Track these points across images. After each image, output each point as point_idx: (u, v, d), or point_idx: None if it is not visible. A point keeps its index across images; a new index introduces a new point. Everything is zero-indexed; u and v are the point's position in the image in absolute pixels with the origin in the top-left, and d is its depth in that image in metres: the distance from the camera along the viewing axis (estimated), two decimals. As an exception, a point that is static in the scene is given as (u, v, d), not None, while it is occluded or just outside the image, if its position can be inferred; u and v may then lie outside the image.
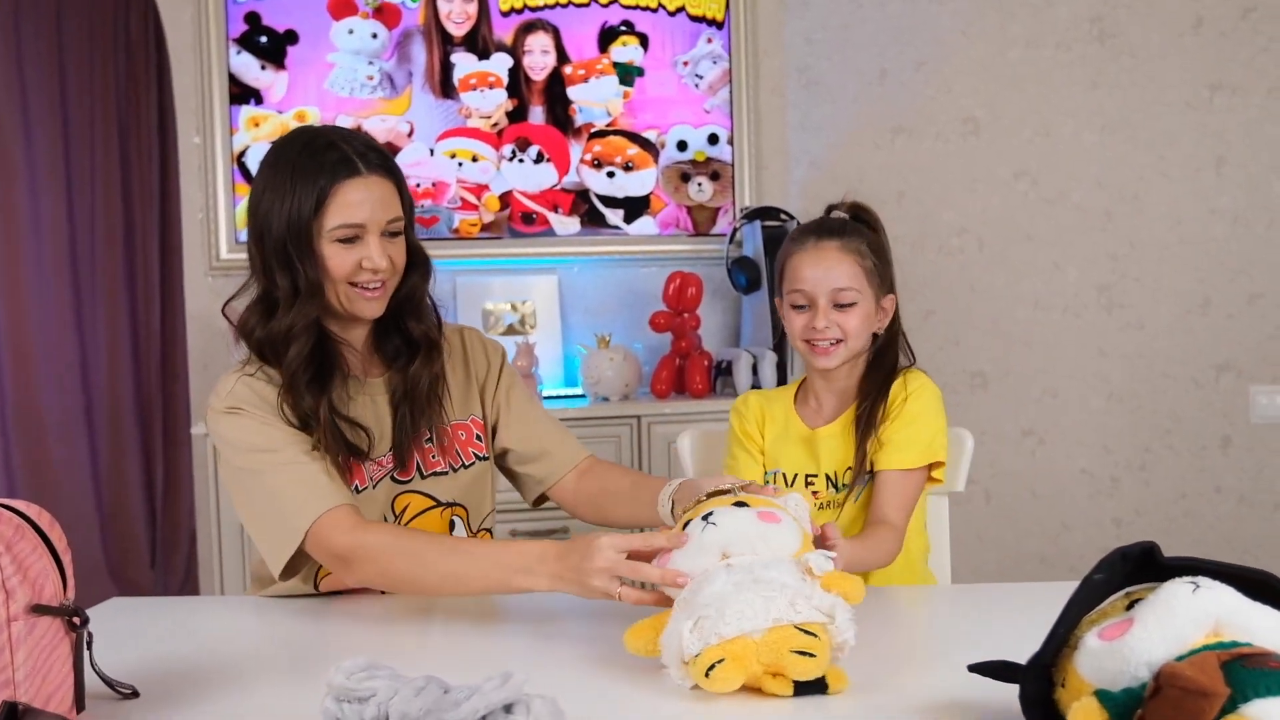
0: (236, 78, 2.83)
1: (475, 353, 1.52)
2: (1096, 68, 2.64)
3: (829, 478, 1.52)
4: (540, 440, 1.50)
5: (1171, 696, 0.66)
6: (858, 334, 1.48)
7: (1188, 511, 2.58)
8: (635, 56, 3.02)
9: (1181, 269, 2.58)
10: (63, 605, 0.98)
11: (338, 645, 1.24)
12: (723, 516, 1.03)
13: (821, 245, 1.48)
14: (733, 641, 0.90)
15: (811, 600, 0.93)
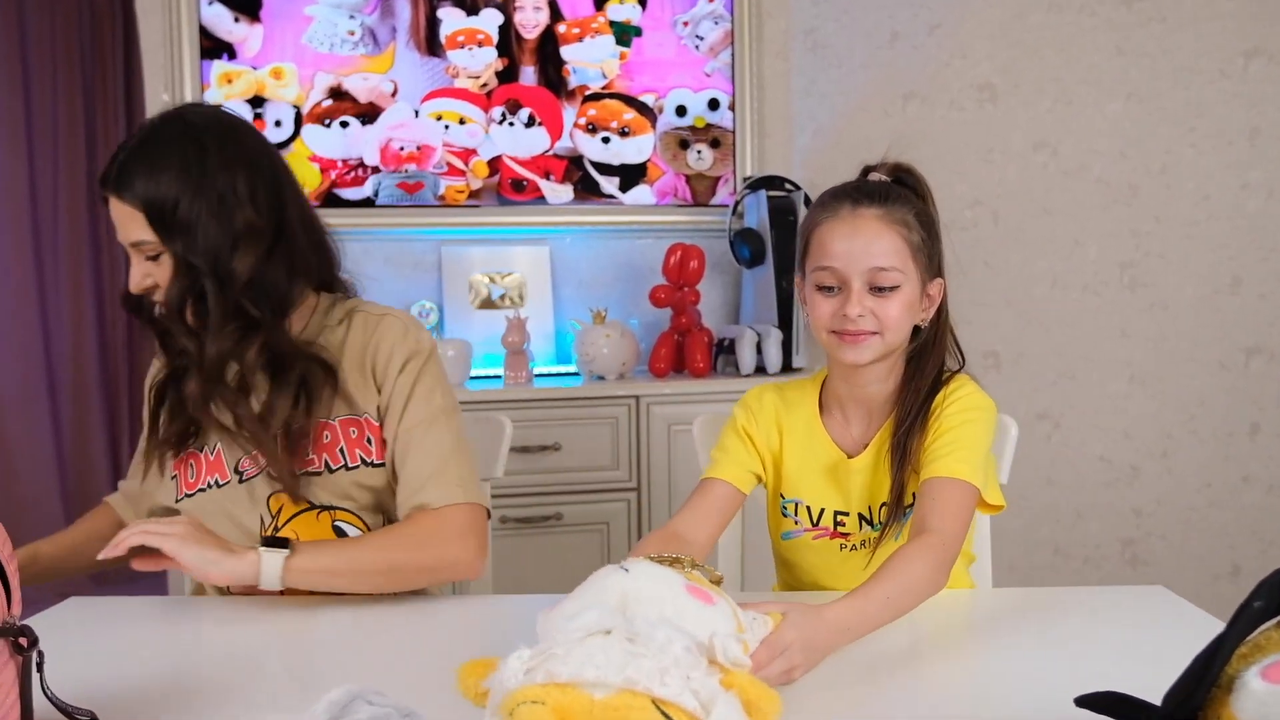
0: (208, 30, 2.71)
1: (382, 344, 1.35)
2: (1123, 33, 2.56)
3: (862, 516, 1.29)
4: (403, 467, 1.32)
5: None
6: (898, 326, 1.22)
7: (1212, 501, 2.51)
8: (633, 15, 2.91)
9: (1210, 246, 2.51)
10: (6, 624, 0.85)
11: (316, 655, 1.13)
12: (641, 568, 0.83)
13: (859, 213, 1.21)
14: (564, 687, 0.70)
15: (690, 681, 0.71)
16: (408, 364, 1.34)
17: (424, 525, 1.28)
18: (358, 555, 1.24)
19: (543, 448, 2.46)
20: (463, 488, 1.31)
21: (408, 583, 1.28)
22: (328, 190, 2.75)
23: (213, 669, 1.06)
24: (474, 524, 1.30)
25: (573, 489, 2.48)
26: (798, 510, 1.33)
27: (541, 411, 2.46)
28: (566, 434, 2.47)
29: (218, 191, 1.24)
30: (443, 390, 1.37)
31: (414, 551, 1.26)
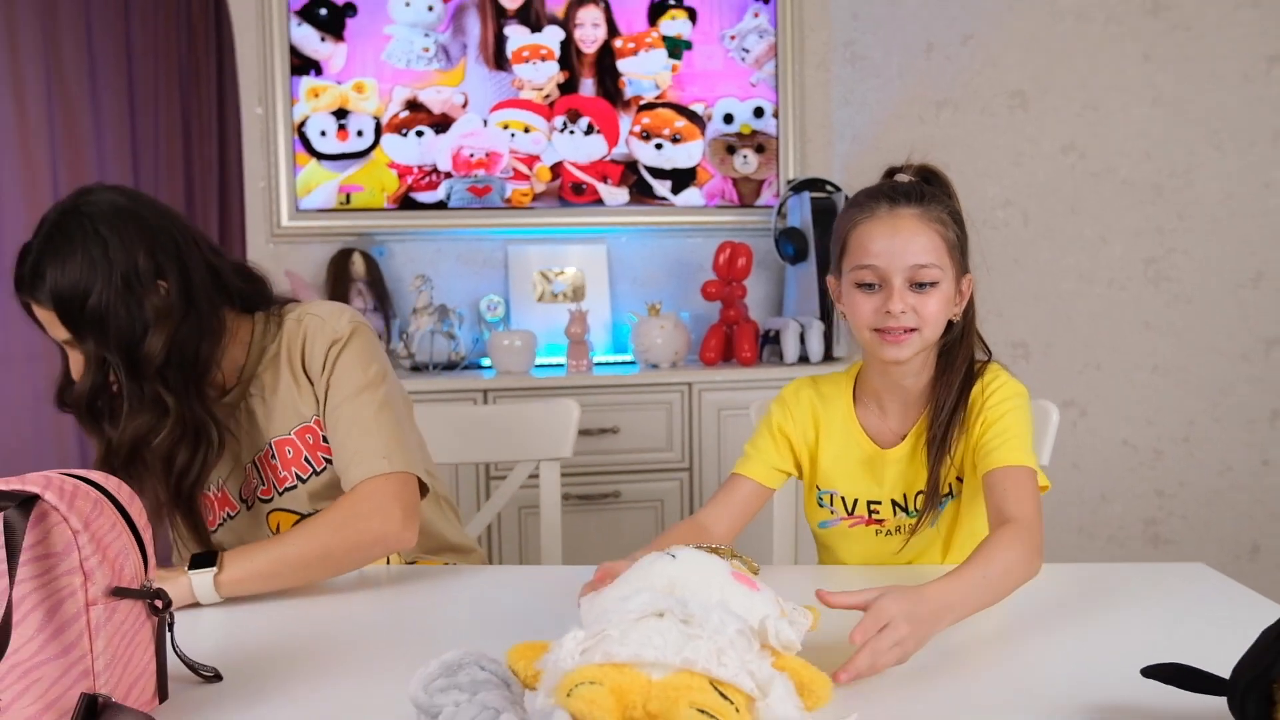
0: (297, 49, 2.72)
1: (308, 347, 1.28)
2: (1149, 41, 2.48)
3: (895, 503, 1.25)
4: (337, 451, 1.27)
5: None
6: (936, 321, 1.17)
7: (1233, 484, 2.44)
8: (684, 30, 2.88)
9: (1233, 242, 2.44)
10: (144, 587, 0.85)
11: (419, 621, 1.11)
12: (688, 555, 0.79)
13: (898, 213, 1.16)
14: (621, 668, 0.65)
15: (747, 663, 0.67)
16: (329, 353, 1.27)
17: (345, 505, 1.21)
18: (285, 551, 1.16)
19: (602, 430, 2.45)
20: (386, 458, 1.23)
21: (341, 566, 1.21)
22: (404, 194, 2.74)
23: (326, 633, 1.06)
24: (398, 493, 1.22)
25: (630, 469, 2.47)
26: (833, 501, 1.29)
27: (601, 397, 2.45)
28: (624, 418, 2.46)
29: (123, 278, 1.15)
30: (364, 365, 1.28)
31: (338, 533, 1.18)
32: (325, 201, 2.72)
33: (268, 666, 0.94)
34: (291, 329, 1.29)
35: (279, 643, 1.02)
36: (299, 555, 1.16)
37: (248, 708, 0.86)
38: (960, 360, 1.22)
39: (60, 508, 0.80)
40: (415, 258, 2.77)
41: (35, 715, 0.78)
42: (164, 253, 1.19)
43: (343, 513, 1.20)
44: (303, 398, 1.29)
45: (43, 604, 0.79)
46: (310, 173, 2.71)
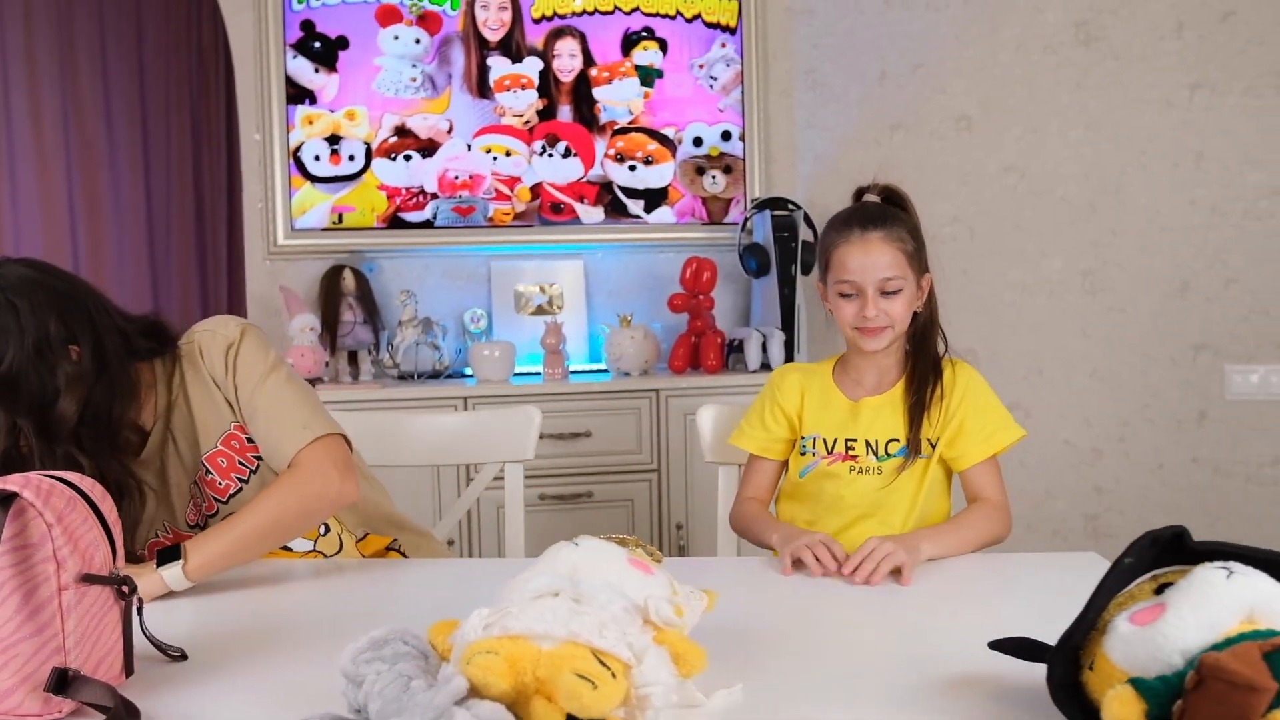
0: (293, 79, 2.76)
1: (208, 358, 1.31)
2: (1082, 69, 2.52)
3: (869, 444, 1.42)
4: (262, 438, 1.31)
5: (1216, 690, 0.56)
6: (903, 318, 1.40)
7: (1165, 481, 2.47)
8: (655, 60, 2.93)
9: (1161, 255, 2.46)
10: (111, 574, 0.91)
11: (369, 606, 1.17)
12: (589, 543, 0.84)
13: (867, 236, 1.38)
14: (515, 640, 0.70)
15: (626, 636, 0.72)
16: (228, 356, 1.31)
17: (285, 476, 1.26)
18: (240, 530, 1.20)
19: (575, 434, 2.50)
20: (307, 427, 1.28)
21: (295, 530, 1.26)
22: (393, 214, 2.80)
23: (287, 620, 1.11)
24: (329, 454, 1.27)
25: (601, 470, 2.51)
26: (815, 444, 1.45)
27: (575, 403, 2.50)
28: (596, 423, 2.50)
29: (34, 344, 1.15)
30: (262, 356, 1.32)
31: (285, 501, 1.23)
32: (319, 221, 2.77)
33: (230, 649, 0.99)
34: (188, 350, 1.32)
35: (242, 628, 1.07)
36: (253, 530, 1.20)
37: (207, 683, 0.91)
38: (932, 341, 1.45)
39: (36, 504, 0.85)
40: (403, 273, 2.83)
41: (13, 687, 0.84)
42: (74, 319, 1.20)
43: (284, 483, 1.24)
44: (218, 408, 1.32)
45: (20, 589, 0.84)
46: (305, 194, 2.77)
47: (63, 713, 0.84)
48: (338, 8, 2.76)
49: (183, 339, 1.34)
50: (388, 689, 0.74)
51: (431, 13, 2.80)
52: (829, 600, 1.11)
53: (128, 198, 3.73)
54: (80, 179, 3.65)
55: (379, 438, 1.69)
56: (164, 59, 3.71)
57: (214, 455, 1.33)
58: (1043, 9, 2.55)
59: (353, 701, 0.77)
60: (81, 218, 3.68)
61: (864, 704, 0.81)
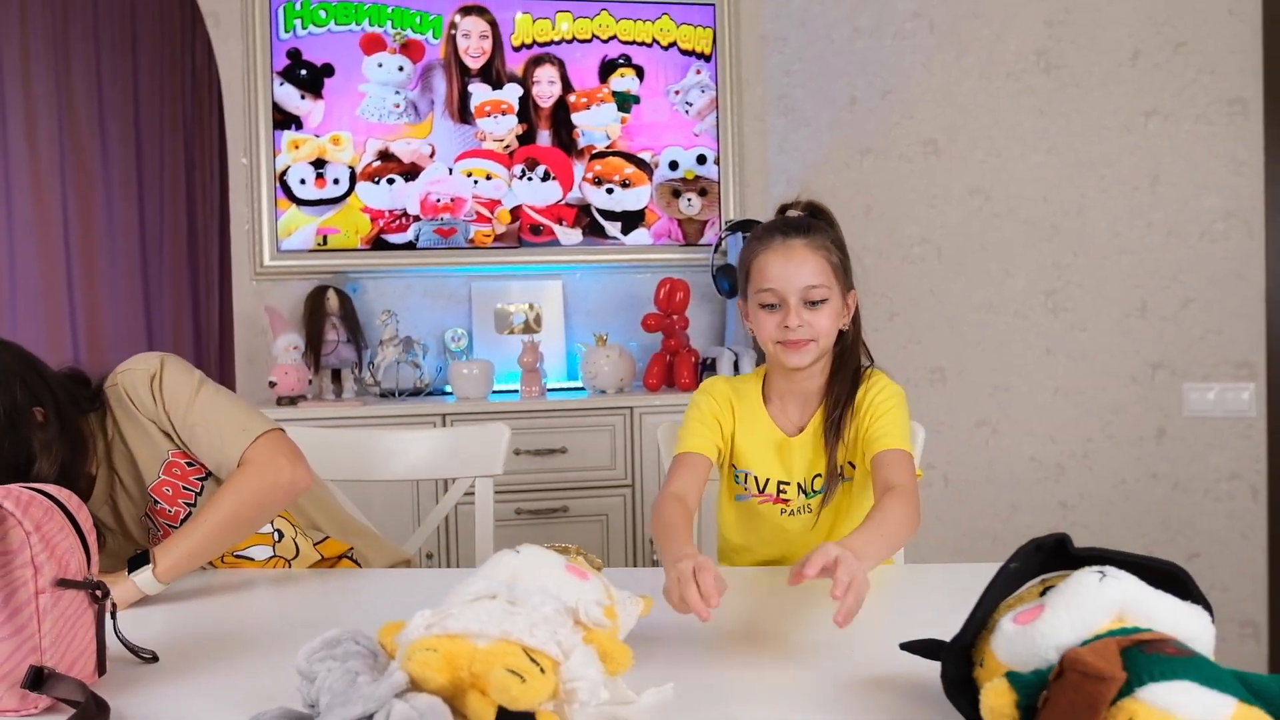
0: (279, 106, 2.82)
1: (135, 395, 1.35)
2: (1043, 96, 2.59)
3: (800, 486, 1.39)
4: (207, 453, 1.35)
5: (1073, 680, 0.62)
6: (828, 331, 1.32)
7: (1126, 496, 2.52)
8: (632, 86, 2.99)
9: (1120, 276, 2.52)
10: (85, 580, 0.96)
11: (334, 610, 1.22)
12: (529, 551, 0.89)
13: (790, 243, 1.30)
14: (453, 638, 0.75)
15: (555, 635, 0.76)
16: (152, 388, 1.35)
17: (237, 474, 1.30)
18: (202, 529, 1.25)
19: (551, 450, 2.54)
20: (245, 430, 1.33)
21: (255, 522, 1.31)
22: (376, 236, 2.85)
23: (247, 624, 1.17)
24: (275, 446, 1.33)
25: (577, 485, 2.55)
26: (748, 479, 1.41)
27: (551, 420, 2.55)
28: (572, 439, 2.55)
29: (6, 414, 1.19)
30: (186, 379, 1.37)
31: (240, 496, 1.27)
32: (304, 243, 2.83)
33: (198, 652, 1.04)
34: (114, 393, 1.36)
35: (209, 633, 1.12)
36: (215, 527, 1.25)
37: (175, 683, 0.96)
38: (852, 362, 1.38)
39: (16, 513, 0.91)
40: (386, 294, 2.88)
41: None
42: (34, 383, 1.24)
43: (237, 479, 1.29)
44: (153, 440, 1.36)
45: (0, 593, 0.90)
46: (290, 217, 2.83)
47: (38, 708, 0.90)
48: (323, 36, 2.83)
49: (106, 383, 1.37)
50: (336, 683, 0.80)
51: (414, 41, 2.87)
52: (775, 604, 1.17)
53: (121, 218, 3.78)
54: (75, 200, 3.70)
55: (357, 453, 1.74)
56: (158, 82, 3.77)
57: (159, 485, 1.38)
58: (1005, 38, 2.63)
59: (306, 697, 0.82)
60: (75, 238, 3.72)
61: (788, 703, 0.87)
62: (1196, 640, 0.67)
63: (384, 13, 2.85)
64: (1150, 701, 0.60)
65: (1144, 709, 0.59)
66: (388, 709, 0.74)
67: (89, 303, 3.68)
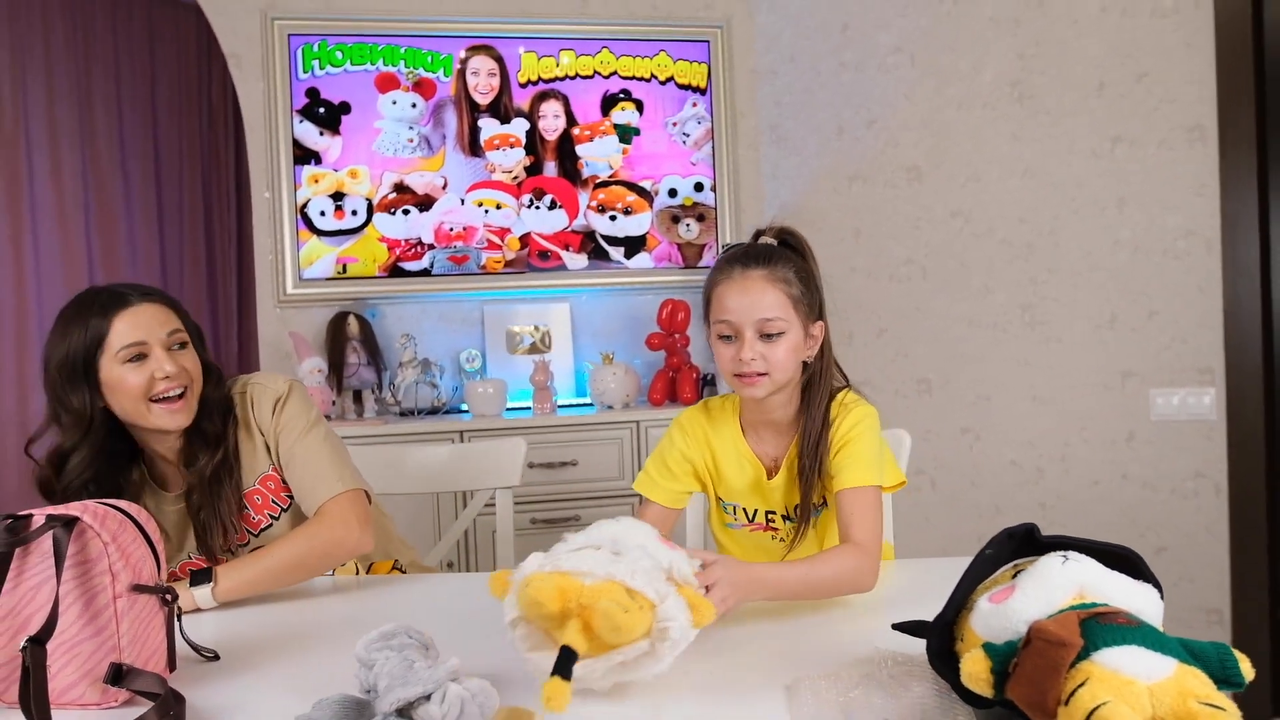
0: (299, 142, 2.89)
1: (259, 408, 1.43)
2: (1018, 123, 2.67)
3: (786, 515, 1.37)
4: (297, 484, 1.42)
5: (1037, 647, 0.70)
6: (783, 365, 1.25)
7: (1100, 497, 2.59)
8: (632, 119, 3.07)
9: (1091, 291, 2.59)
10: (157, 585, 1.03)
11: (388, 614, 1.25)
12: (627, 520, 0.96)
13: (748, 274, 1.24)
14: (565, 574, 0.83)
15: (653, 583, 0.84)
16: (274, 408, 1.42)
17: (314, 521, 1.36)
18: (267, 563, 1.30)
19: (563, 463, 2.61)
20: (340, 480, 1.39)
21: (314, 571, 1.35)
22: (393, 264, 2.92)
23: (301, 624, 1.23)
24: (353, 507, 1.38)
25: (587, 496, 2.62)
26: (736, 511, 1.39)
27: (562, 434, 2.62)
28: (582, 452, 2.62)
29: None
30: (305, 412, 1.43)
31: (309, 544, 1.33)
32: (324, 271, 2.90)
33: (257, 651, 1.11)
34: (240, 398, 1.43)
35: (267, 635, 1.18)
36: (279, 565, 1.31)
37: (239, 678, 1.03)
38: (819, 395, 1.30)
39: (94, 526, 0.98)
40: (403, 318, 2.96)
41: (75, 681, 0.96)
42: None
43: (313, 527, 1.36)
44: (257, 450, 1.43)
45: (81, 598, 0.97)
46: (311, 247, 2.90)
47: (118, 701, 0.97)
48: (340, 76, 2.91)
49: (234, 386, 1.45)
50: (395, 668, 0.87)
51: (426, 79, 2.96)
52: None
53: (143, 250, 3.85)
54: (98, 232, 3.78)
55: (383, 468, 1.81)
56: (176, 118, 3.85)
57: (250, 493, 1.44)
58: (981, 70, 2.72)
59: (364, 682, 0.89)
60: (100, 270, 3.80)
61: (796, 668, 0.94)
62: (1145, 612, 0.75)
63: (397, 53, 2.94)
64: (1103, 663, 0.67)
65: (1098, 669, 0.67)
66: (443, 689, 0.82)
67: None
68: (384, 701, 0.82)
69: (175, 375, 1.32)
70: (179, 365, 1.33)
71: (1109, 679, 0.66)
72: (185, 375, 1.34)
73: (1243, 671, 0.69)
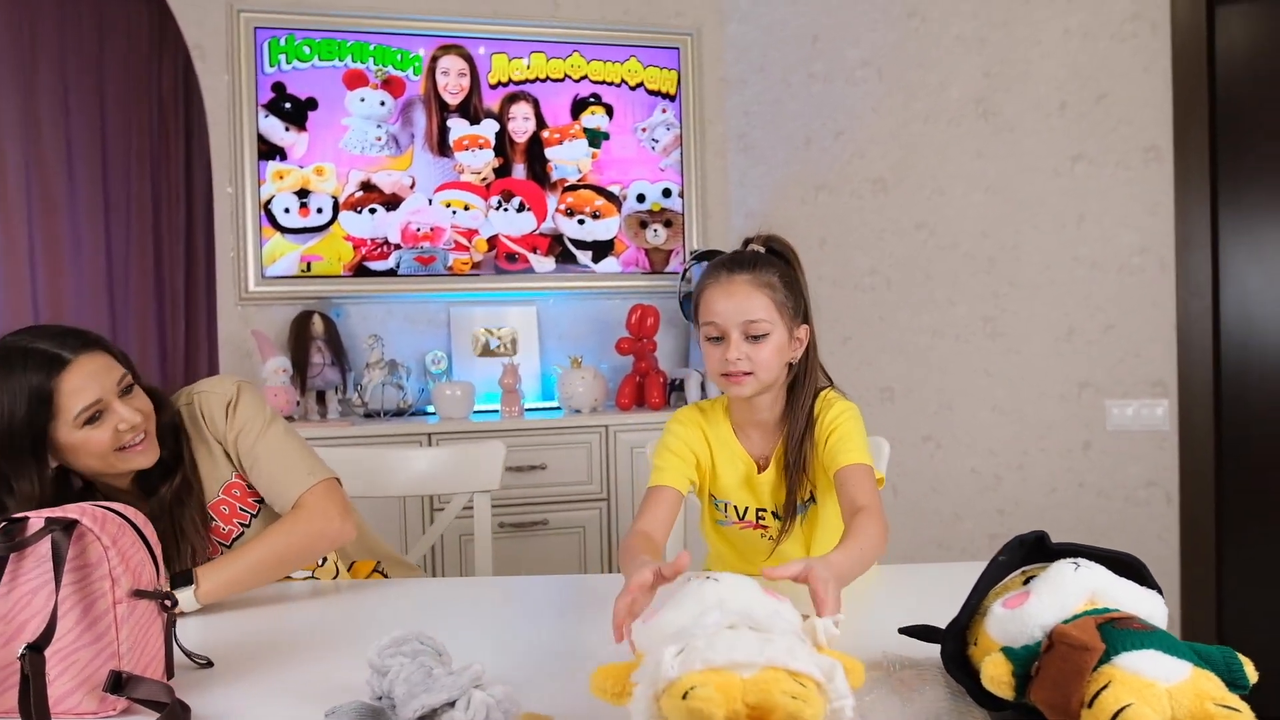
0: (264, 137, 2.85)
1: (209, 415, 1.40)
2: (982, 140, 2.74)
3: (774, 513, 1.42)
4: (266, 484, 1.39)
5: (1061, 651, 0.73)
6: (768, 365, 1.32)
7: (1058, 503, 2.67)
8: (602, 123, 3.09)
9: (1050, 305, 2.67)
10: (156, 590, 1.01)
11: (377, 621, 1.26)
12: (726, 578, 0.83)
13: (734, 279, 1.32)
14: (719, 671, 0.70)
15: (811, 658, 0.73)
16: (226, 413, 1.40)
17: (291, 515, 1.34)
18: (248, 561, 1.27)
19: (531, 467, 2.61)
20: (310, 473, 1.37)
21: (296, 563, 1.33)
22: (359, 263, 2.89)
23: (290, 630, 1.21)
24: (330, 497, 1.37)
25: (555, 500, 2.62)
26: (727, 509, 1.45)
27: (530, 438, 2.61)
28: (550, 456, 2.62)
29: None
30: (259, 410, 1.41)
31: (289, 538, 1.31)
32: (288, 269, 2.85)
33: (248, 657, 1.09)
34: (188, 411, 1.40)
35: (256, 640, 1.17)
36: (260, 561, 1.29)
37: (234, 685, 1.01)
38: (804, 394, 1.38)
39: (94, 529, 0.96)
40: (368, 318, 2.92)
41: (72, 689, 0.93)
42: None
43: (291, 522, 1.34)
44: (216, 460, 1.40)
45: (80, 604, 0.95)
46: (275, 244, 2.85)
47: (116, 710, 0.94)
48: (307, 71, 2.87)
49: (180, 398, 1.41)
50: (412, 675, 0.86)
51: (395, 77, 2.93)
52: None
53: (87, 243, 3.73)
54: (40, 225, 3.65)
55: (358, 472, 1.79)
56: (125, 111, 3.75)
57: (217, 504, 1.41)
58: (948, 86, 2.79)
59: (376, 689, 0.89)
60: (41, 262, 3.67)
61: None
62: (1154, 617, 0.79)
63: (366, 50, 2.90)
64: (1125, 667, 0.71)
65: (1119, 673, 0.70)
66: (468, 696, 0.82)
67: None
68: (407, 709, 0.82)
69: (139, 423, 1.27)
70: (136, 410, 1.28)
71: (1131, 682, 0.69)
72: (145, 418, 1.29)
73: (1247, 674, 0.73)
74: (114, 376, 1.27)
